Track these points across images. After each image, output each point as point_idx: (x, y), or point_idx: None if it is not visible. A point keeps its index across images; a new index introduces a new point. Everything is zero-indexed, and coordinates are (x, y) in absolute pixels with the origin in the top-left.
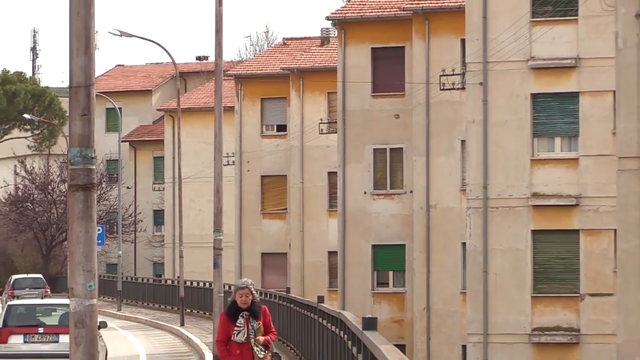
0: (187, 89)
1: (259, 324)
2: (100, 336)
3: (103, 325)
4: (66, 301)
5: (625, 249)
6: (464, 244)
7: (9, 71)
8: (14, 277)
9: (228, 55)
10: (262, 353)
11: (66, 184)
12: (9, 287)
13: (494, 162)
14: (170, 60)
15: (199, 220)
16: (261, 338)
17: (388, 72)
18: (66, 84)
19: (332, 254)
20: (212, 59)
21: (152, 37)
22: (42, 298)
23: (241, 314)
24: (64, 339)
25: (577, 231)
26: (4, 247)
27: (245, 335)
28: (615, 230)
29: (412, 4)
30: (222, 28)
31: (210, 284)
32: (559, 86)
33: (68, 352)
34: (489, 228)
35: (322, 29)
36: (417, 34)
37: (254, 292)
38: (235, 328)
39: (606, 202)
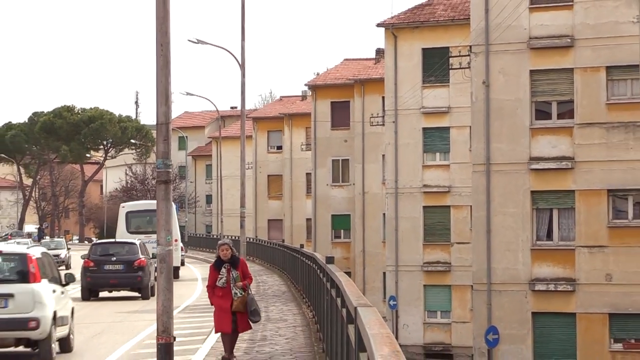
0: (225, 125)
1: (238, 272)
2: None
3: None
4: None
5: (477, 217)
6: (384, 214)
7: (122, 115)
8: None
9: (249, 105)
10: (238, 295)
11: (155, 180)
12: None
13: (401, 167)
14: (215, 109)
15: (232, 200)
16: (240, 283)
17: (341, 116)
18: (155, 122)
19: (308, 220)
20: (239, 108)
21: (205, 94)
22: None
23: (224, 265)
24: None
25: (449, 206)
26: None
27: (225, 281)
28: (471, 205)
29: (354, 76)
30: (244, 90)
31: (238, 237)
32: (439, 123)
33: None
34: (398, 205)
35: (302, 90)
36: (357, 93)
37: (232, 248)
38: (219, 275)
39: (466, 190)
